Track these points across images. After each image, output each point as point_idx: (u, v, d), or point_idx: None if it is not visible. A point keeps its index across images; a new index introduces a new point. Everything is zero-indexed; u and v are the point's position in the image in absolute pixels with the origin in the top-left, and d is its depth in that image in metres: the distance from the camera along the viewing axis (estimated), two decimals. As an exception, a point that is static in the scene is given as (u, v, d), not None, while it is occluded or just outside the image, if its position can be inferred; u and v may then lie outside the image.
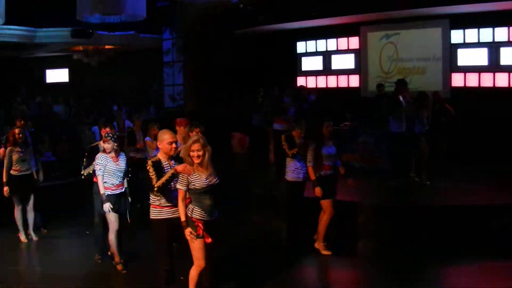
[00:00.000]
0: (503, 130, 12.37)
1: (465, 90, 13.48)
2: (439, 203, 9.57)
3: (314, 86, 16.47)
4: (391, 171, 11.18)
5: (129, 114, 16.92)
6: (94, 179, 7.89)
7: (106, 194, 7.35)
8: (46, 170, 10.00)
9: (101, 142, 7.99)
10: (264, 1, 13.29)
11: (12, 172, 8.87)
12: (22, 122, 9.95)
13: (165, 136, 6.00)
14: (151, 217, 6.05)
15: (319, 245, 8.25)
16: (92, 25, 12.48)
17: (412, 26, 14.29)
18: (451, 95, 13.35)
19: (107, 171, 7.38)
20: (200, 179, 5.63)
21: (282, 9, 14.13)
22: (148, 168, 5.88)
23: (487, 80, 13.22)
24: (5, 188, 8.81)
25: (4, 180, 8.83)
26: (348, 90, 15.91)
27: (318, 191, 7.97)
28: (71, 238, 9.43)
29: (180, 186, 5.66)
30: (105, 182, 7.38)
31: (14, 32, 15.91)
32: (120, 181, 7.52)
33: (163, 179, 5.77)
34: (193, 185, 5.63)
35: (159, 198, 5.94)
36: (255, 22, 14.82)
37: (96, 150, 7.92)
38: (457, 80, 13.73)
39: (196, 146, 5.62)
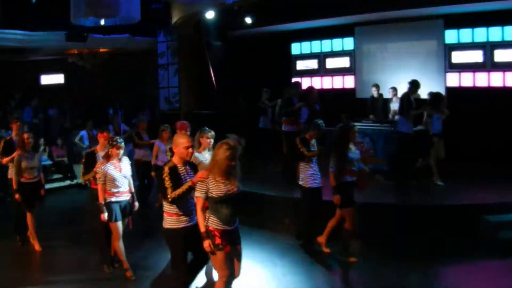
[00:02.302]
0: (498, 129, 12.41)
1: (460, 89, 13.52)
2: (433, 202, 9.61)
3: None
4: (389, 171, 11.17)
5: (125, 117, 16.94)
6: (92, 186, 7.77)
7: (108, 201, 7.18)
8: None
9: (98, 148, 7.88)
10: (258, 3, 13.28)
11: (21, 179, 8.64)
12: (18, 123, 9.74)
13: (181, 140, 5.80)
14: (167, 226, 5.79)
15: (322, 240, 8.26)
16: (86, 28, 12.44)
17: (407, 26, 14.31)
18: (446, 95, 13.37)
19: (109, 179, 7.14)
20: (218, 187, 5.41)
21: (276, 11, 14.13)
22: (164, 176, 5.64)
23: (481, 79, 13.25)
24: (17, 196, 8.62)
25: (15, 187, 8.62)
26: (343, 91, 15.93)
27: (337, 199, 7.75)
28: (68, 242, 9.36)
29: (198, 194, 5.45)
30: (108, 190, 7.18)
31: (8, 36, 15.88)
32: (124, 189, 7.30)
33: (179, 191, 5.57)
34: (210, 193, 5.42)
35: (175, 206, 5.70)
36: (249, 23, 14.82)
37: (93, 156, 7.76)
38: (452, 80, 13.76)
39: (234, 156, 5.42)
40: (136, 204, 7.56)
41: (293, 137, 8.92)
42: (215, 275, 5.85)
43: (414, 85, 10.95)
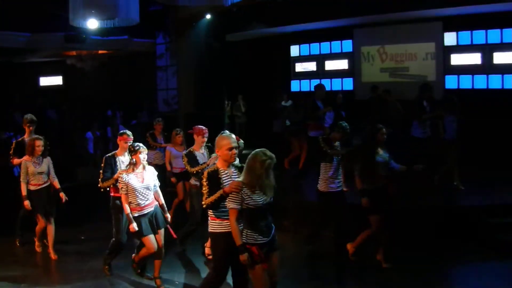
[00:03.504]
0: (497, 131, 12.41)
1: (459, 92, 13.52)
2: (432, 204, 9.62)
3: (307, 89, 16.50)
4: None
5: (123, 119, 16.93)
6: (112, 193, 7.52)
7: (133, 216, 6.79)
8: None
9: (118, 152, 7.51)
10: (257, 5, 13.29)
11: (30, 187, 8.36)
12: (31, 128, 9.07)
13: (224, 142, 5.53)
14: (210, 230, 5.64)
15: (380, 257, 7.79)
16: (85, 30, 12.41)
17: (405, 28, 14.34)
18: (443, 97, 13.38)
19: (130, 190, 6.74)
20: (253, 198, 5.21)
21: (275, 13, 14.13)
22: (203, 181, 5.45)
23: (480, 82, 13.27)
24: (26, 202, 8.31)
25: (23, 194, 8.32)
26: (342, 93, 15.92)
27: (365, 202, 7.45)
28: (67, 244, 9.31)
29: (233, 205, 5.21)
30: (130, 203, 6.79)
31: (7, 37, 15.86)
32: (147, 201, 6.85)
33: (212, 198, 5.35)
34: (246, 204, 5.20)
35: (218, 211, 5.50)
36: (248, 26, 14.83)
37: (113, 161, 7.42)
38: (451, 82, 13.77)
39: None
40: (168, 216, 7.16)
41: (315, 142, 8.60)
42: None
43: (424, 88, 10.86)
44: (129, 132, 7.65)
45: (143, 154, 6.84)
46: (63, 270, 8.09)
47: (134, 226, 6.78)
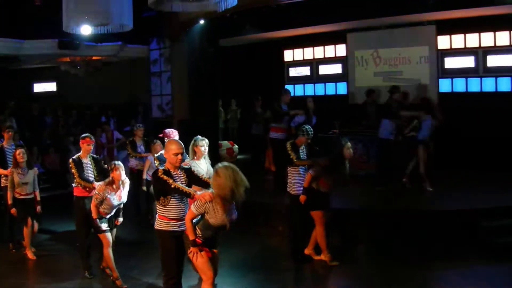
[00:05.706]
0: (491, 134, 12.43)
1: (453, 95, 13.55)
2: (427, 208, 9.63)
3: (301, 94, 16.49)
4: (380, 177, 11.22)
5: (117, 125, 16.90)
6: (75, 192, 7.74)
7: (99, 216, 7.28)
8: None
9: (82, 155, 7.77)
10: (250, 10, 13.29)
11: (15, 195, 8.69)
12: (10, 133, 9.69)
13: (171, 147, 5.91)
14: (157, 227, 5.98)
15: (325, 256, 8.18)
16: (78, 36, 12.40)
17: (399, 32, 14.35)
18: (439, 101, 13.39)
19: (106, 203, 7.22)
20: (215, 215, 5.55)
21: (268, 18, 14.13)
22: (160, 176, 5.76)
23: (474, 85, 13.29)
24: (13, 210, 8.68)
25: (9, 202, 8.69)
26: (336, 97, 15.93)
27: (303, 198, 7.91)
28: (61, 251, 9.32)
29: (194, 210, 5.57)
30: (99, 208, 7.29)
31: (1, 44, 15.79)
32: (114, 210, 7.43)
33: (181, 187, 5.72)
34: (207, 214, 5.55)
35: (167, 210, 5.87)
36: (242, 31, 14.83)
37: (80, 163, 7.67)
38: (444, 85, 13.79)
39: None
40: (120, 219, 7.66)
41: (280, 144, 9.00)
42: None
43: (393, 91, 11.24)
44: (91, 135, 7.92)
45: (119, 170, 7.16)
46: (57, 275, 8.10)
47: (104, 227, 7.31)
